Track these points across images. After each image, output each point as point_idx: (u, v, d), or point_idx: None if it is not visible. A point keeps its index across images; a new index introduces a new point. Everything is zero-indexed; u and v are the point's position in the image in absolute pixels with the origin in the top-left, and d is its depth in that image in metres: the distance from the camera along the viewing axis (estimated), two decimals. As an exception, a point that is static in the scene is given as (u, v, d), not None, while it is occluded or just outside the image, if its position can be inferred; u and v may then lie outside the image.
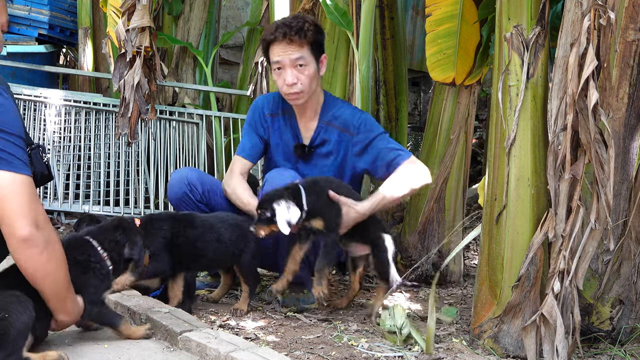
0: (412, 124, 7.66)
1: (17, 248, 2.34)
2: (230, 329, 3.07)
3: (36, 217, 2.34)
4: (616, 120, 2.91)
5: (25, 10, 6.31)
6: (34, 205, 2.34)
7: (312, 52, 3.42)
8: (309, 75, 3.40)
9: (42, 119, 5.37)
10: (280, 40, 3.39)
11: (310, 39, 3.40)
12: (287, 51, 3.38)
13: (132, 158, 5.52)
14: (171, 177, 3.58)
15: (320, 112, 3.54)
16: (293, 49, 3.37)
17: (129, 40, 4.90)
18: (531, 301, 2.87)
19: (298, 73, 3.39)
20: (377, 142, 3.44)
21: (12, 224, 2.31)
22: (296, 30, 3.37)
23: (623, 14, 2.85)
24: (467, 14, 3.75)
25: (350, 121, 3.48)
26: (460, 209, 4.08)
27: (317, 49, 3.46)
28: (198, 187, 3.50)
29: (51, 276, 2.43)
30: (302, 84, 3.39)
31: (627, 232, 2.97)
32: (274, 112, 3.60)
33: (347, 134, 3.48)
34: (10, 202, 2.30)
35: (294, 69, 3.38)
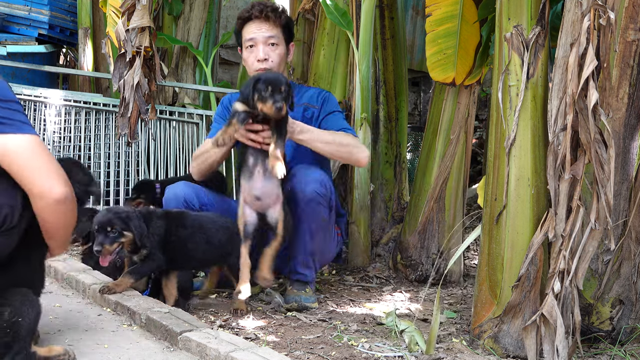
0: (412, 124, 7.67)
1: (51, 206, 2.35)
2: (230, 329, 3.07)
3: (62, 174, 2.37)
4: (616, 120, 2.91)
5: (25, 10, 6.31)
6: (55, 162, 2.37)
7: (283, 34, 3.62)
8: (279, 54, 3.60)
9: (42, 119, 5.37)
10: (256, 17, 3.58)
11: (283, 21, 3.63)
12: (262, 29, 3.58)
13: (132, 158, 5.53)
14: (166, 192, 3.59)
15: None
16: (267, 27, 3.58)
17: (129, 40, 4.91)
18: (531, 301, 2.87)
19: (269, 50, 3.58)
20: (332, 116, 3.60)
21: (44, 184, 2.31)
22: (272, 9, 3.58)
23: (623, 14, 2.85)
24: (467, 14, 3.76)
25: (314, 97, 3.67)
26: (460, 209, 4.08)
27: (288, 34, 3.66)
28: (195, 203, 3.52)
29: (70, 226, 2.50)
30: (272, 61, 3.56)
31: (627, 232, 2.97)
32: None
33: (313, 108, 3.63)
34: (35, 163, 2.30)
35: (266, 46, 3.57)
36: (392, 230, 4.47)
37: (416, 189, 4.09)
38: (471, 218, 4.60)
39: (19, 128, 2.32)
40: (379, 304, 3.64)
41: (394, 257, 4.19)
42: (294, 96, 3.33)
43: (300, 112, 3.63)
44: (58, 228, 2.47)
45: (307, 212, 3.34)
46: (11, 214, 2.32)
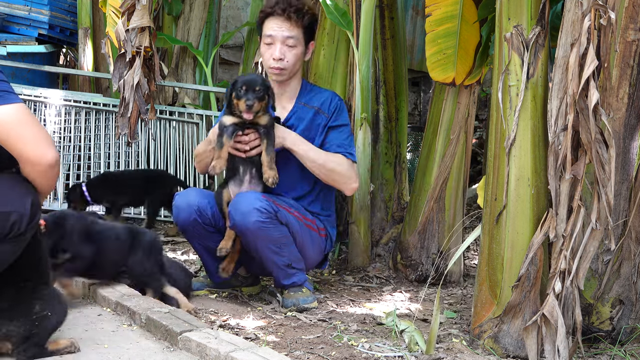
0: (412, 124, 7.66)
1: (45, 171, 2.38)
2: (230, 329, 3.07)
3: (50, 139, 2.41)
4: (616, 120, 2.91)
5: (25, 10, 6.31)
6: (43, 128, 2.42)
7: (304, 35, 3.56)
8: (296, 54, 3.54)
9: (42, 119, 5.37)
10: (278, 15, 3.51)
11: (306, 22, 3.55)
12: (282, 27, 3.51)
13: (132, 158, 5.53)
14: (177, 200, 3.54)
15: (298, 95, 3.64)
16: (288, 26, 3.51)
17: (129, 40, 4.90)
18: (531, 301, 2.87)
19: (286, 50, 3.51)
20: (337, 132, 3.57)
21: (37, 151, 2.33)
22: (295, 10, 3.50)
23: (623, 14, 2.85)
24: (467, 14, 3.75)
25: (327, 103, 3.60)
26: (460, 209, 4.08)
27: (309, 34, 3.60)
28: (208, 212, 3.48)
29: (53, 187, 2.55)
30: (287, 61, 3.51)
31: (627, 232, 2.97)
32: None
33: (323, 115, 3.58)
34: (25, 131, 2.33)
35: (284, 45, 3.51)
36: (392, 230, 4.46)
37: (416, 189, 4.09)
38: (471, 218, 4.60)
39: (5, 99, 2.33)
40: (379, 304, 3.64)
41: (394, 257, 4.19)
42: (273, 97, 3.38)
43: (311, 115, 3.59)
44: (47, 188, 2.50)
45: (260, 238, 3.31)
46: (19, 222, 2.34)
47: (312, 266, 3.66)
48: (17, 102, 2.35)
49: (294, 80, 3.63)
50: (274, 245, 3.34)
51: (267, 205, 3.30)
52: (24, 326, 2.42)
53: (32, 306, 2.45)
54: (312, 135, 3.55)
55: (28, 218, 2.35)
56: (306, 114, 3.58)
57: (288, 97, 3.63)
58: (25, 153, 2.34)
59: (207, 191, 3.67)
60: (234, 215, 3.31)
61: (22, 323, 2.42)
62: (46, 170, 2.37)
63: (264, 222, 3.27)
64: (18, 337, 2.42)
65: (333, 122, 3.58)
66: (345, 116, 3.64)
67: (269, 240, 3.32)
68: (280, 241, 3.36)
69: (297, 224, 3.45)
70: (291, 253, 3.42)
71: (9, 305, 2.43)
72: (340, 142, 3.55)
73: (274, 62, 3.50)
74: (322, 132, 3.57)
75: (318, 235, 3.58)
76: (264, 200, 3.31)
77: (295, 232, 3.43)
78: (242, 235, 3.35)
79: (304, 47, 3.58)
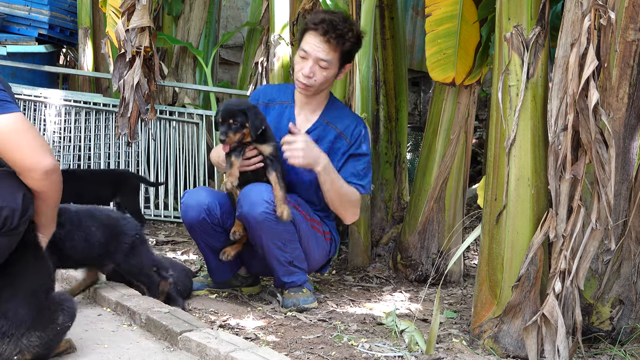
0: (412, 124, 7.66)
1: (41, 179, 2.39)
2: (230, 329, 3.07)
3: (47, 146, 2.42)
4: (616, 120, 2.91)
5: (25, 10, 6.31)
6: (39, 136, 2.42)
7: (339, 59, 3.45)
8: (325, 76, 3.44)
9: (42, 119, 5.38)
10: (319, 34, 3.40)
11: (346, 47, 3.44)
12: (319, 48, 3.40)
13: (132, 158, 5.53)
14: (185, 197, 3.51)
15: (323, 110, 3.57)
16: (325, 48, 3.39)
17: (129, 40, 4.91)
18: (531, 301, 2.87)
19: (317, 70, 3.41)
20: (355, 161, 3.50)
21: (32, 158, 2.34)
22: (337, 35, 3.38)
23: (623, 14, 2.85)
24: (467, 14, 3.75)
25: (351, 129, 3.52)
26: (460, 209, 4.08)
27: (347, 58, 3.49)
28: (216, 212, 3.46)
29: (58, 199, 2.56)
30: (315, 80, 3.42)
31: (627, 232, 2.96)
32: (270, 101, 3.62)
33: (345, 140, 3.50)
34: (20, 141, 2.34)
35: (316, 64, 3.41)
36: (392, 230, 4.46)
37: (416, 189, 4.09)
38: (471, 218, 4.60)
39: (3, 108, 2.34)
40: (379, 304, 3.64)
41: (394, 257, 4.19)
42: (261, 122, 3.32)
43: (332, 138, 3.51)
44: (48, 200, 2.50)
45: (265, 230, 3.30)
46: (12, 216, 2.34)
47: (314, 268, 3.64)
48: (15, 111, 2.36)
49: (320, 96, 3.55)
50: (279, 240, 3.34)
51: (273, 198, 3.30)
52: (47, 337, 2.42)
53: (56, 316, 2.45)
54: (332, 160, 3.46)
55: (20, 212, 2.37)
56: (328, 134, 3.51)
57: (311, 110, 3.56)
58: (20, 161, 2.35)
59: (217, 191, 3.65)
60: (242, 203, 3.30)
61: (46, 334, 2.41)
62: (42, 177, 2.37)
63: (271, 214, 3.26)
64: (40, 347, 2.39)
65: (354, 151, 3.50)
66: (367, 146, 3.55)
67: (274, 234, 3.31)
68: (284, 237, 3.35)
69: (304, 223, 3.44)
70: (294, 251, 3.41)
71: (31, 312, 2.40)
72: (356, 172, 3.49)
73: (302, 77, 3.42)
74: (341, 158, 3.50)
75: (323, 239, 3.57)
76: (271, 193, 3.31)
77: (301, 231, 3.42)
78: (248, 225, 3.33)
79: (338, 70, 3.48)
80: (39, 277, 2.52)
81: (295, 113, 3.57)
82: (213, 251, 3.53)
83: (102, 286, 3.33)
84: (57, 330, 2.45)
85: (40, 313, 2.42)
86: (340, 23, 3.40)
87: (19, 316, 2.36)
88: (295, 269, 3.45)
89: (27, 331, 2.36)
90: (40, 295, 2.46)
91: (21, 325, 2.36)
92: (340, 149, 3.51)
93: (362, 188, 3.51)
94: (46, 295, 2.49)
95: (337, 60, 3.44)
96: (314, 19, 3.46)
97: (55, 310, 2.47)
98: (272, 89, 3.72)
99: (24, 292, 2.42)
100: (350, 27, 3.43)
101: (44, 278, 2.53)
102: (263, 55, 5.31)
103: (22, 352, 2.36)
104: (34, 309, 2.40)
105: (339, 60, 3.45)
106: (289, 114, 3.57)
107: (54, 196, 2.50)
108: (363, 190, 3.52)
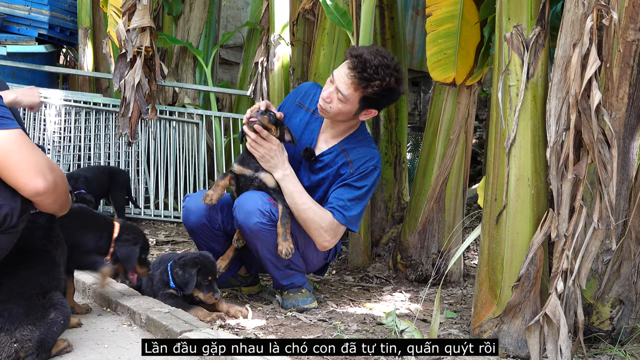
0: (412, 124, 7.67)
1: (32, 197, 2.39)
2: (230, 329, 3.07)
3: (41, 167, 2.37)
4: (616, 120, 2.91)
5: (25, 10, 6.32)
6: (34, 156, 2.37)
7: (359, 101, 3.28)
8: (341, 108, 3.29)
9: (42, 119, 5.38)
10: (349, 66, 3.25)
11: (369, 93, 3.25)
12: (343, 80, 3.25)
13: (132, 158, 5.53)
14: (187, 202, 3.51)
15: (346, 137, 3.47)
16: (349, 84, 3.24)
17: (130, 40, 4.91)
18: (531, 301, 2.87)
19: (335, 98, 3.28)
20: (348, 190, 3.37)
21: (19, 181, 2.33)
22: (363, 77, 3.22)
23: (623, 14, 2.85)
24: (467, 14, 3.75)
25: (361, 162, 3.40)
26: (460, 209, 4.08)
27: (368, 103, 3.31)
28: (217, 217, 3.47)
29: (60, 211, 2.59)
30: (331, 107, 3.30)
31: (627, 232, 2.97)
32: (305, 104, 3.56)
33: (350, 169, 3.40)
34: (12, 159, 2.32)
35: (335, 93, 3.28)
36: (392, 230, 4.46)
37: (416, 189, 4.09)
38: (471, 218, 4.60)
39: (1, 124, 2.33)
40: (379, 304, 3.64)
41: (394, 257, 4.19)
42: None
43: (340, 163, 3.40)
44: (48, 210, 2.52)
45: (260, 239, 3.30)
46: (11, 214, 2.35)
47: (312, 270, 3.63)
48: (12, 128, 2.34)
49: (343, 125, 3.43)
50: (274, 248, 3.32)
51: (270, 208, 3.28)
52: (39, 331, 2.48)
53: (48, 312, 2.51)
54: (330, 179, 3.42)
55: (19, 211, 2.38)
56: (339, 159, 3.43)
57: (333, 135, 3.46)
58: (10, 180, 2.34)
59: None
60: (237, 213, 3.31)
61: (37, 328, 2.48)
62: (32, 196, 2.37)
63: (265, 224, 3.26)
64: (32, 342, 2.47)
65: (352, 181, 3.37)
66: (369, 182, 3.38)
67: (269, 242, 3.31)
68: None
69: (301, 230, 3.39)
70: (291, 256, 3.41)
71: (25, 311, 2.49)
72: (342, 198, 3.35)
73: (321, 98, 3.33)
74: (338, 183, 3.40)
75: None
76: (269, 203, 3.28)
77: (298, 238, 3.40)
78: (244, 233, 3.35)
79: (357, 109, 3.31)
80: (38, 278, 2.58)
81: (321, 130, 3.49)
82: (213, 254, 3.53)
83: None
84: (48, 324, 2.50)
85: (34, 309, 2.50)
86: (372, 67, 3.21)
87: (13, 315, 2.47)
88: (293, 271, 3.45)
89: (20, 326, 2.46)
90: (36, 296, 2.53)
91: (14, 321, 2.46)
92: (342, 176, 3.41)
93: (341, 217, 3.33)
94: (43, 296, 2.55)
95: (357, 100, 3.27)
96: (355, 50, 3.31)
97: (48, 307, 2.52)
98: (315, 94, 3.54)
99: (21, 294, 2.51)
100: (381, 77, 3.23)
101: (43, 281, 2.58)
102: (263, 55, 5.31)
103: (18, 342, 2.45)
104: (27, 308, 2.49)
105: (359, 102, 3.28)
106: (313, 128, 3.50)
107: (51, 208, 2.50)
108: (342, 220, 3.34)
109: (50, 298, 2.55)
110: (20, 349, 2.44)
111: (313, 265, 3.57)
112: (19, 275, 2.55)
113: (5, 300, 2.48)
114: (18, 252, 2.52)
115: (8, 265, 2.52)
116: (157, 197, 5.52)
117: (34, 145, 2.42)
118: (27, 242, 2.56)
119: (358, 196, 3.38)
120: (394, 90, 3.32)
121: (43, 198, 2.40)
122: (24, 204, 2.39)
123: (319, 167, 3.44)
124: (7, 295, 2.50)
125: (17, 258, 2.53)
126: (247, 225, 3.27)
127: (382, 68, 3.23)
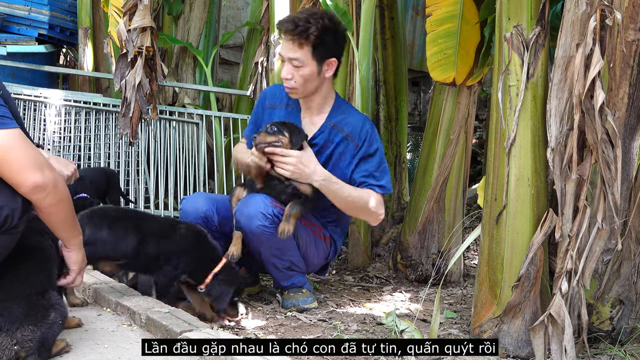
0: (412, 124, 7.67)
1: (29, 194, 2.38)
2: (230, 329, 3.07)
3: (40, 163, 2.38)
4: (616, 120, 2.91)
5: (25, 10, 6.31)
6: (33, 153, 2.38)
7: (313, 54, 3.33)
8: (303, 75, 3.34)
9: (42, 119, 5.37)
10: (285, 35, 3.36)
11: (314, 41, 3.32)
12: (288, 48, 3.35)
13: (132, 158, 5.53)
14: (183, 204, 3.51)
15: (329, 112, 3.49)
16: (293, 47, 3.32)
17: (131, 41, 4.91)
18: (531, 301, 2.87)
19: (293, 70, 3.35)
20: (367, 162, 3.40)
21: (18, 177, 2.33)
22: (299, 31, 3.30)
23: (623, 14, 2.85)
24: (467, 14, 3.75)
25: (357, 130, 3.42)
26: (460, 209, 4.08)
27: (322, 52, 3.35)
28: (214, 219, 3.46)
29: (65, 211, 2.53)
30: (295, 81, 3.36)
31: (627, 232, 2.96)
32: (276, 104, 3.57)
33: (352, 144, 3.41)
34: (11, 156, 2.32)
35: (290, 65, 3.35)
36: (392, 230, 4.46)
37: (416, 189, 4.09)
38: (471, 218, 4.60)
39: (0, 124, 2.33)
40: (379, 304, 3.64)
41: (394, 257, 4.19)
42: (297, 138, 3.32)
43: (338, 140, 3.43)
44: (50, 216, 2.49)
45: (262, 242, 3.30)
46: (12, 215, 2.35)
47: (313, 271, 3.64)
48: (10, 127, 2.34)
49: (317, 97, 3.46)
50: (276, 250, 3.34)
51: (272, 211, 3.26)
52: (40, 331, 2.48)
53: (48, 313, 2.51)
54: (339, 164, 3.42)
55: (20, 212, 2.38)
56: (334, 137, 3.44)
57: (315, 112, 3.49)
58: (8, 178, 2.33)
59: (214, 196, 3.64)
60: (239, 216, 3.30)
61: (39, 328, 2.47)
62: (29, 193, 2.36)
63: (268, 227, 3.25)
64: (34, 342, 2.46)
65: (364, 152, 3.40)
66: (376, 143, 3.44)
67: (271, 245, 3.31)
68: (282, 247, 3.34)
69: (303, 230, 3.41)
70: (292, 256, 3.42)
71: (25, 310, 2.48)
72: (369, 172, 3.39)
73: (284, 80, 3.39)
74: (352, 161, 3.41)
75: (323, 243, 3.54)
76: (271, 206, 3.27)
77: (299, 238, 3.40)
78: (246, 236, 3.34)
79: (316, 66, 3.35)
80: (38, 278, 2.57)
81: (301, 116, 3.51)
82: None
83: (102, 286, 3.33)
84: (48, 324, 2.49)
85: (34, 310, 2.49)
86: (301, 20, 3.33)
87: (13, 315, 2.46)
88: (294, 272, 3.45)
89: (21, 326, 2.44)
90: (35, 296, 2.53)
91: (15, 321, 2.45)
92: (347, 152, 3.42)
93: (379, 188, 3.38)
94: (42, 296, 2.54)
95: (310, 57, 3.33)
96: (278, 22, 3.45)
97: (48, 308, 2.52)
98: (281, 90, 3.60)
99: (20, 294, 2.51)
100: (314, 22, 3.32)
101: (42, 279, 2.58)
102: (263, 55, 5.31)
103: (18, 343, 2.44)
104: (27, 308, 2.49)
105: (313, 57, 3.33)
106: (294, 118, 3.49)
107: (53, 212, 2.48)
108: (381, 190, 3.39)
109: (49, 298, 2.55)
110: (21, 349, 2.44)
111: (314, 266, 3.57)
112: (18, 273, 2.54)
113: (5, 299, 2.48)
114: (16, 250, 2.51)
115: (6, 263, 2.52)
116: (157, 197, 5.52)
117: (33, 145, 2.42)
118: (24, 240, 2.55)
119: (378, 161, 3.43)
120: (334, 29, 3.40)
121: (43, 195, 2.39)
122: (24, 204, 2.39)
123: (316, 150, 3.43)
124: (6, 294, 2.49)
125: (15, 256, 2.52)
126: (250, 228, 3.27)
127: (310, 17, 3.36)
